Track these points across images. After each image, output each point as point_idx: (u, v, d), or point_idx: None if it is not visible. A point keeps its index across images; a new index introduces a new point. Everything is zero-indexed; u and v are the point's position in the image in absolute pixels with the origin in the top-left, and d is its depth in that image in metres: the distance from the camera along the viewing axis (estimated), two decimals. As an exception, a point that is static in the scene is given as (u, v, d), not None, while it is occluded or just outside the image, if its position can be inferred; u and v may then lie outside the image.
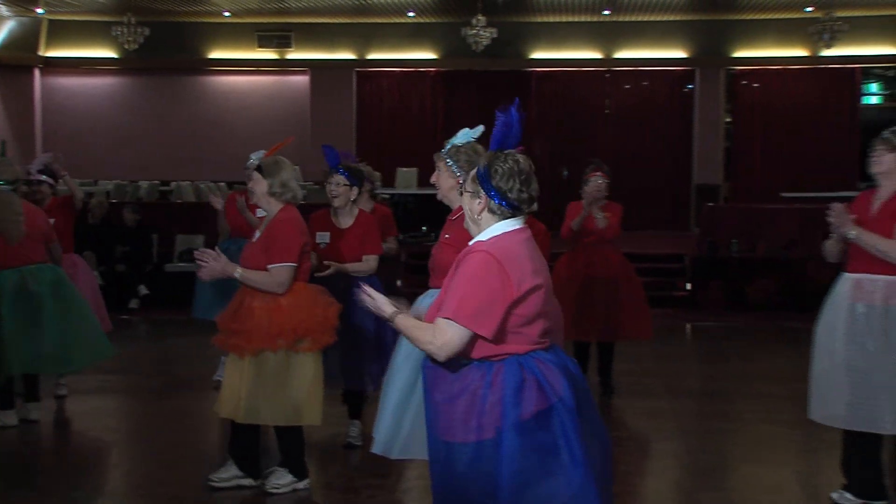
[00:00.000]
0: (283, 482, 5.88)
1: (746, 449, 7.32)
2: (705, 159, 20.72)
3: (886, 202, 5.48)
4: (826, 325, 5.61)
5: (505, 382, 3.53)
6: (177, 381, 9.25)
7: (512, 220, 3.64)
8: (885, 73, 21.05)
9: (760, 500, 6.05)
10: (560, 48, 20.61)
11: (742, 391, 8.79)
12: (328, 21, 20.49)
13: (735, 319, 13.17)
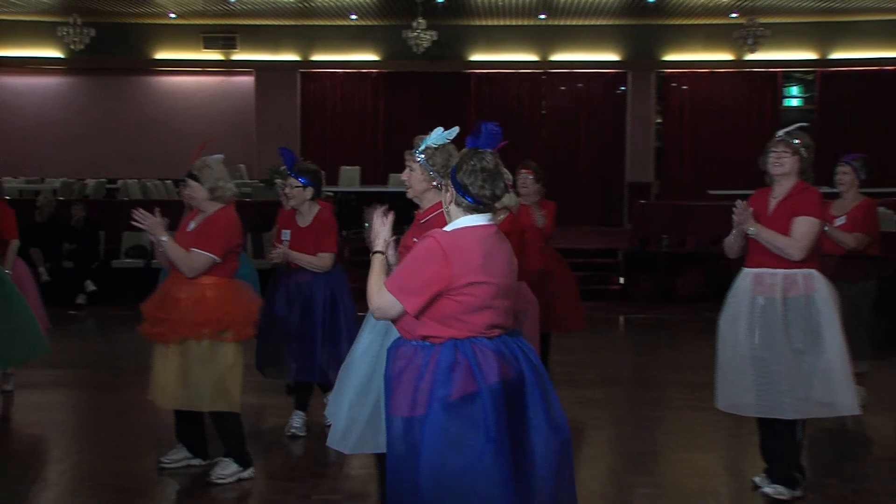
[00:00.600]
0: (228, 472, 5.86)
1: (675, 435, 7.39)
2: (637, 158, 20.89)
3: (782, 201, 5.53)
4: (729, 318, 5.67)
5: (439, 363, 3.64)
6: (124, 374, 9.13)
7: (478, 216, 3.75)
8: (804, 77, 21.36)
9: (688, 484, 6.11)
10: (498, 51, 20.66)
11: (671, 380, 8.87)
12: (272, 23, 20.35)
13: (665, 311, 13.28)
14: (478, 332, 3.69)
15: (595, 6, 18.45)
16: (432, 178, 4.60)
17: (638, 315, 13.21)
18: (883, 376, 8.16)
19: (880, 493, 5.89)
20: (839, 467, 6.34)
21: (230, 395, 5.75)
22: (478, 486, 3.59)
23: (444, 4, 17.87)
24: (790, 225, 5.45)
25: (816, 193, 5.56)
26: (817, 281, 5.49)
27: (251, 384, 8.71)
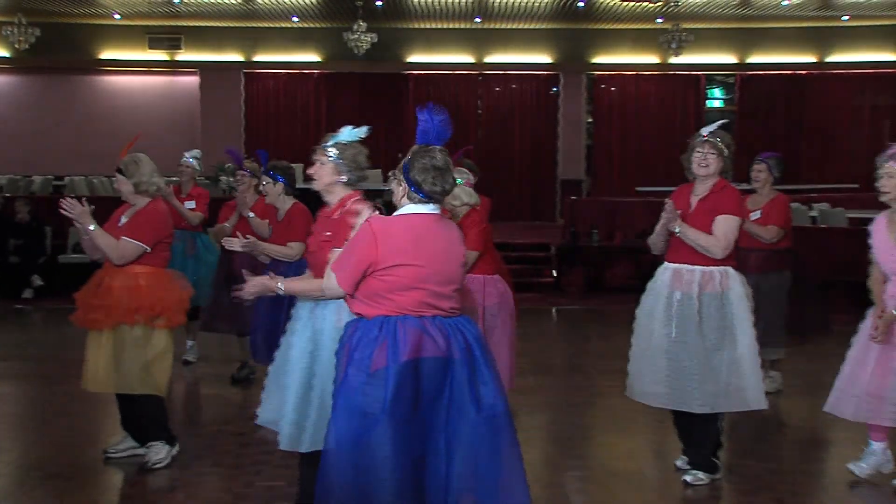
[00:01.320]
0: (163, 455, 5.92)
1: (604, 420, 7.48)
2: (568, 156, 21.02)
3: (703, 199, 5.56)
4: (646, 310, 5.68)
5: (361, 338, 3.83)
6: (70, 366, 8.95)
7: (422, 206, 3.90)
8: (726, 80, 21.65)
9: (616, 466, 6.19)
10: (435, 52, 20.66)
11: (601, 367, 8.96)
12: (217, 24, 20.16)
13: (595, 302, 13.42)
14: (406, 311, 3.82)
15: (528, 11, 18.53)
16: (340, 172, 4.60)
17: (569, 306, 13.32)
18: (797, 362, 8.33)
19: (794, 472, 6.04)
20: (757, 448, 6.47)
21: (159, 379, 5.78)
22: (369, 455, 3.71)
23: (383, 8, 17.84)
24: (711, 222, 5.48)
25: (735, 192, 5.62)
26: (733, 279, 5.55)
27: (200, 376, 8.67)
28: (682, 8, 17.59)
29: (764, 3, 17.74)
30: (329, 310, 4.50)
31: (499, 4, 17.94)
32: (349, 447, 3.74)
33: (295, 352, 4.60)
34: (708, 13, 18.46)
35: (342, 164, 4.60)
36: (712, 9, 18.10)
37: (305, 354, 4.55)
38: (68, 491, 5.62)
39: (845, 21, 19.53)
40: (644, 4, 17.51)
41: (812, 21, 19.56)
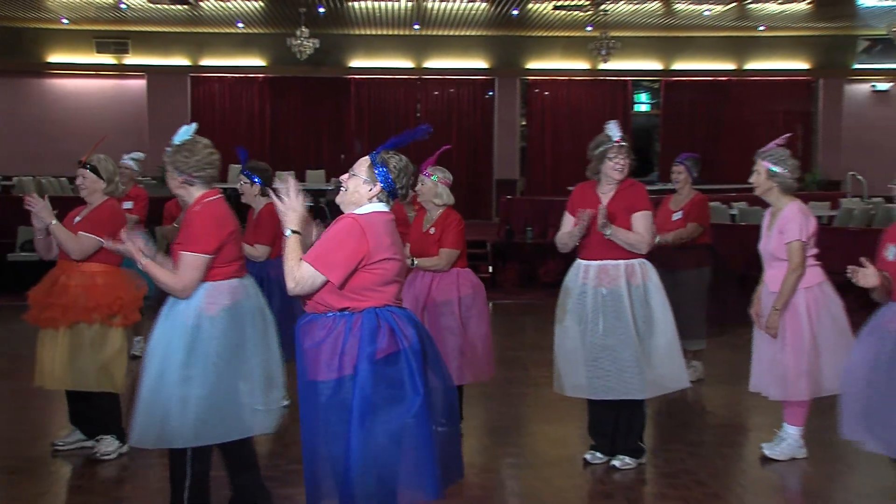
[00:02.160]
0: (112, 448, 5.90)
1: (538, 409, 7.53)
2: (504, 157, 21.11)
3: (614, 198, 5.57)
4: (570, 308, 5.68)
5: (363, 327, 3.75)
6: (19, 361, 8.81)
7: (385, 204, 3.91)
8: (651, 85, 21.88)
9: (548, 452, 6.25)
10: (376, 57, 20.61)
11: (535, 359, 9.01)
12: (163, 30, 19.89)
13: (529, 296, 13.49)
14: (390, 302, 3.85)
15: (464, 18, 18.57)
16: (179, 175, 4.46)
17: (505, 300, 13.37)
18: (716, 352, 8.45)
19: (713, 456, 6.15)
20: (680, 434, 6.57)
21: (115, 376, 5.73)
22: (406, 438, 3.69)
23: (325, 14, 17.75)
24: (628, 220, 5.51)
25: (643, 187, 5.69)
26: (650, 269, 5.62)
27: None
28: (610, 17, 17.76)
29: (686, 13, 17.95)
30: (179, 309, 4.39)
31: (436, 12, 17.95)
32: (383, 437, 3.68)
33: (150, 348, 4.47)
34: (634, 22, 18.65)
35: (174, 167, 4.45)
36: (638, 18, 18.28)
37: (159, 350, 4.41)
38: (17, 483, 5.55)
39: (761, 31, 19.86)
40: (574, 13, 17.65)
41: (731, 31, 19.86)
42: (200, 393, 4.32)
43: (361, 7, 17.55)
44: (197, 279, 4.37)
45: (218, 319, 4.38)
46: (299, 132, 21.00)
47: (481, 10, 17.71)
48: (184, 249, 4.36)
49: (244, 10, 17.80)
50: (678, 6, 17.39)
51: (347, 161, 20.79)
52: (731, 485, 5.69)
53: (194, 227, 4.40)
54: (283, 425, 6.82)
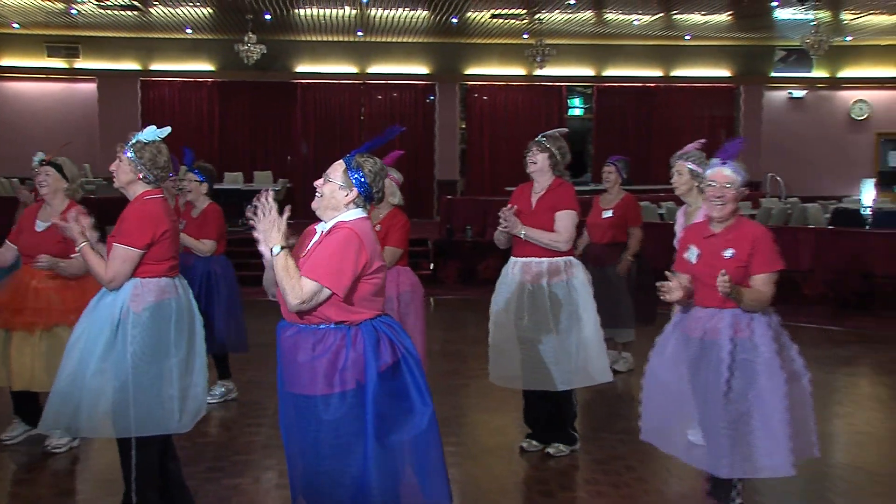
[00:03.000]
0: (64, 441, 5.85)
1: (477, 400, 7.55)
2: (444, 159, 21.13)
3: (542, 197, 5.63)
4: (500, 301, 5.74)
5: (365, 341, 3.59)
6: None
7: (363, 210, 3.74)
8: (585, 91, 22.05)
9: (487, 441, 6.27)
10: (321, 63, 20.51)
11: (474, 352, 9.03)
12: (114, 35, 19.59)
13: (469, 292, 13.52)
14: (379, 311, 3.72)
15: (406, 26, 18.54)
16: (139, 171, 4.40)
17: (446, 296, 13.40)
18: (645, 344, 8.52)
19: (643, 442, 6.20)
20: (611, 422, 6.64)
21: None
22: (420, 449, 3.62)
23: (272, 21, 17.62)
24: (552, 218, 5.56)
25: (571, 188, 5.69)
26: (576, 267, 5.67)
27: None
28: (545, 25, 17.87)
29: (617, 22, 18.12)
30: (105, 303, 4.37)
31: (379, 19, 17.90)
32: (404, 453, 3.60)
33: (73, 338, 4.44)
34: (568, 30, 18.78)
35: (139, 162, 4.40)
36: (572, 27, 18.41)
37: (82, 341, 4.37)
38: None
39: (687, 40, 20.13)
40: (511, 21, 17.73)
41: (658, 40, 20.10)
42: (114, 385, 4.26)
43: (307, 14, 17.45)
44: (126, 272, 4.31)
45: (141, 316, 4.31)
46: (247, 135, 20.82)
47: (422, 17, 17.71)
48: (117, 242, 4.32)
49: (193, 16, 17.59)
50: (609, 16, 17.54)
51: (294, 163, 20.71)
52: (658, 470, 5.75)
53: (130, 221, 4.35)
54: (232, 418, 6.81)
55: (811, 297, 12.48)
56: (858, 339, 10.48)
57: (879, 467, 5.97)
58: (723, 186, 4.30)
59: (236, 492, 5.27)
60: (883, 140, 22.06)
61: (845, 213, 14.53)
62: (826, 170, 21.36)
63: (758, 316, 4.26)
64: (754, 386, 4.17)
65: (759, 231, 4.35)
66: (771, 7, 16.37)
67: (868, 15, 17.26)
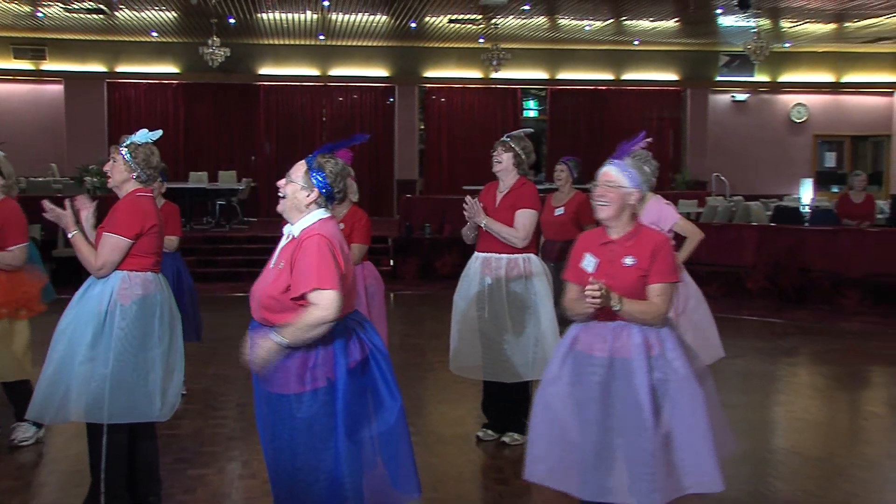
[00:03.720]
0: (29, 434, 5.81)
1: (435, 392, 7.57)
2: (404, 159, 21.10)
3: (506, 195, 5.68)
4: (462, 294, 5.78)
5: (335, 339, 3.53)
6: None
7: (326, 210, 3.66)
8: (538, 93, 22.13)
9: (446, 432, 6.28)
10: (284, 65, 20.39)
11: (433, 346, 9.07)
12: (80, 38, 19.31)
13: (427, 288, 13.55)
14: (350, 310, 3.64)
15: (366, 30, 18.49)
16: (133, 170, 4.49)
17: (405, 291, 13.40)
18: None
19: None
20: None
21: (25, 365, 5.68)
22: (390, 443, 3.56)
23: (236, 25, 17.47)
24: (513, 216, 5.60)
25: (533, 188, 5.74)
26: (535, 264, 5.71)
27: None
28: (501, 30, 17.90)
29: (569, 27, 18.20)
30: (93, 294, 4.40)
31: (340, 24, 17.83)
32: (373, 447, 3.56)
33: (60, 328, 4.46)
34: (523, 35, 18.83)
35: (133, 162, 4.48)
36: (526, 31, 18.47)
37: (69, 331, 4.40)
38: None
39: (636, 45, 20.26)
40: (468, 26, 17.75)
41: (609, 44, 20.22)
42: (102, 372, 4.30)
43: (270, 18, 17.33)
44: (115, 261, 4.38)
45: (128, 309, 4.37)
46: (212, 135, 20.63)
47: (382, 22, 17.66)
48: (107, 231, 4.39)
49: (158, 20, 17.39)
50: (562, 21, 17.62)
51: (258, 162, 20.58)
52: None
53: (121, 212, 4.43)
54: (197, 410, 6.75)
55: (754, 290, 12.67)
56: (797, 330, 10.66)
57: (816, 451, 6.08)
58: (605, 185, 3.87)
59: (201, 482, 5.24)
60: (820, 141, 22.40)
61: (785, 211, 14.73)
62: (767, 170, 21.63)
63: (665, 329, 3.84)
64: (675, 406, 3.74)
65: (659, 238, 3.93)
66: (715, 14, 16.54)
67: (805, 23, 17.51)
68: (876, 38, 19.05)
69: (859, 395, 8.03)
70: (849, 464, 5.78)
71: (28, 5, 16.19)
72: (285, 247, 3.64)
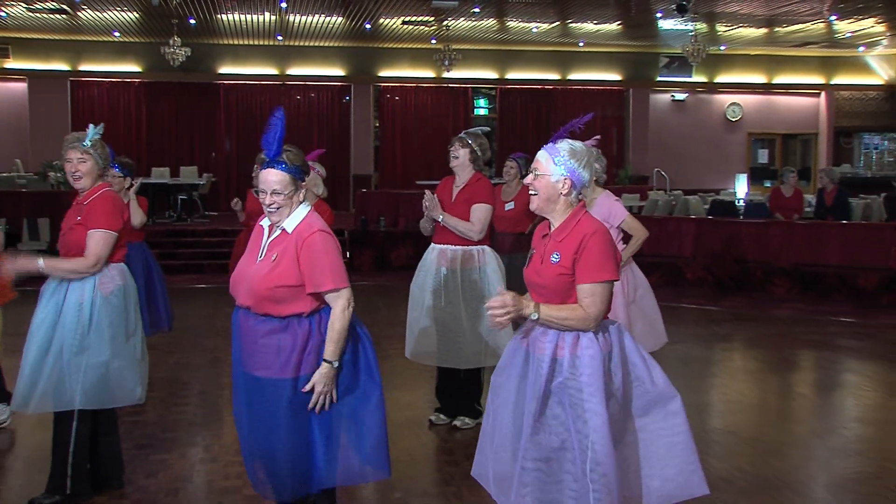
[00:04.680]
0: (6, 416, 5.86)
1: (389, 378, 7.42)
2: (359, 155, 21.02)
3: (462, 190, 5.68)
4: (419, 283, 5.78)
5: (326, 327, 3.53)
6: None
7: (307, 203, 3.65)
8: (489, 92, 22.14)
9: (399, 416, 6.24)
10: (243, 65, 20.19)
11: (387, 333, 9.01)
12: (43, 37, 18.93)
13: (383, 279, 13.51)
14: None
15: (323, 31, 18.37)
16: (101, 166, 4.53)
17: (361, 282, 13.33)
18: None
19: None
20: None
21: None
22: (367, 422, 3.57)
23: (196, 25, 17.25)
24: (469, 209, 5.62)
25: (488, 183, 5.76)
26: (489, 256, 5.73)
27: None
28: (452, 31, 17.89)
29: (518, 29, 18.25)
30: (73, 287, 4.38)
31: (298, 25, 17.70)
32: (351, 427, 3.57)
33: (37, 321, 4.43)
34: (473, 36, 18.84)
35: (101, 159, 4.53)
36: (476, 33, 18.48)
37: (43, 327, 4.38)
38: None
39: (581, 47, 20.38)
40: (420, 28, 17.71)
41: (556, 46, 20.31)
42: (95, 362, 4.33)
43: (229, 19, 17.15)
44: (106, 254, 4.40)
45: (111, 298, 4.40)
46: (174, 133, 20.37)
47: (338, 23, 17.56)
48: (94, 228, 4.38)
49: (120, 20, 17.10)
50: (511, 23, 17.66)
51: (218, 158, 20.37)
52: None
53: (102, 208, 4.44)
54: (159, 398, 6.68)
55: (693, 280, 12.83)
56: (733, 317, 10.81)
57: (749, 431, 6.19)
58: (533, 174, 3.47)
59: (164, 466, 5.20)
60: (753, 139, 22.74)
61: (721, 205, 14.93)
62: (705, 165, 21.90)
63: (589, 335, 3.27)
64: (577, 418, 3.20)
65: (589, 230, 3.30)
66: (655, 18, 16.69)
67: (739, 27, 17.75)
68: (804, 42, 19.38)
69: (788, 378, 8.18)
70: (779, 442, 5.89)
71: (-9, 5, 15.85)
72: (276, 240, 3.58)
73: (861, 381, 7.91)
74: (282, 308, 3.50)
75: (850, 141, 22.76)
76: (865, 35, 18.52)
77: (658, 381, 3.36)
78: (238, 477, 4.98)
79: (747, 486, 5.01)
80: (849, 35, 18.44)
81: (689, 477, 3.36)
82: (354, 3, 15.43)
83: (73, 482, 4.45)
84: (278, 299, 3.48)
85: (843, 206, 12.70)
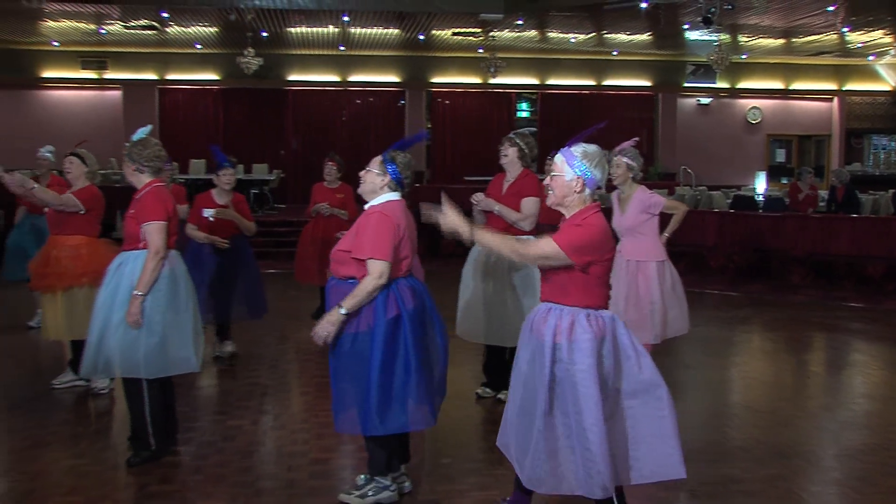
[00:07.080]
0: (105, 384, 5.95)
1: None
2: (414, 153, 20.86)
3: (511, 185, 5.64)
4: (470, 269, 5.77)
5: (377, 297, 3.81)
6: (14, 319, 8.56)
7: (397, 194, 4.00)
8: (530, 96, 22.02)
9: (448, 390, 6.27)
10: (309, 73, 20.31)
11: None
12: (136, 50, 19.27)
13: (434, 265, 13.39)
14: (400, 273, 3.91)
15: (381, 41, 18.42)
16: (133, 166, 4.64)
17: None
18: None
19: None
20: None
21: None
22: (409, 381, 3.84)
23: (268, 38, 17.43)
24: (519, 202, 5.58)
25: (535, 178, 5.70)
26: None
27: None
28: (498, 41, 17.82)
29: (557, 40, 18.10)
30: (127, 272, 4.52)
31: (358, 36, 17.77)
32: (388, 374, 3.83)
33: (99, 301, 4.59)
34: (516, 45, 18.73)
35: (132, 159, 4.64)
36: (520, 43, 18.38)
37: (108, 303, 4.53)
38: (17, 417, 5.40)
39: (614, 55, 20.16)
40: (469, 38, 17.67)
41: (592, 54, 20.11)
42: (151, 335, 4.45)
43: (297, 32, 17.29)
44: (164, 241, 4.52)
45: (161, 280, 4.50)
46: (247, 133, 20.60)
47: (394, 35, 17.60)
48: (145, 221, 4.50)
49: (202, 34, 17.36)
50: (551, 34, 17.52)
51: (286, 156, 20.56)
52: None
53: (148, 203, 4.54)
54: (234, 370, 6.79)
55: (715, 267, 12.67)
56: (752, 302, 10.66)
57: (764, 405, 6.11)
58: (550, 174, 3.56)
59: (240, 431, 5.28)
60: (772, 140, 22.32)
61: (742, 199, 14.70)
62: (727, 163, 21.56)
63: (581, 319, 3.32)
64: (574, 401, 3.27)
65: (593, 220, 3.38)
66: (683, 30, 16.44)
67: (759, 38, 17.43)
68: (818, 51, 18.99)
69: (802, 358, 8.05)
70: (792, 415, 5.81)
71: (93, 23, 16.20)
72: (359, 217, 3.96)
73: (868, 360, 7.76)
74: (342, 269, 3.86)
75: (860, 142, 22.25)
76: (875, 45, 18.10)
77: (646, 370, 3.37)
78: (305, 443, 5.04)
79: (762, 454, 4.96)
80: (860, 45, 18.03)
81: (667, 460, 3.36)
82: (409, 16, 15.44)
83: (155, 439, 4.62)
84: (342, 261, 3.87)
85: (852, 201, 12.55)
